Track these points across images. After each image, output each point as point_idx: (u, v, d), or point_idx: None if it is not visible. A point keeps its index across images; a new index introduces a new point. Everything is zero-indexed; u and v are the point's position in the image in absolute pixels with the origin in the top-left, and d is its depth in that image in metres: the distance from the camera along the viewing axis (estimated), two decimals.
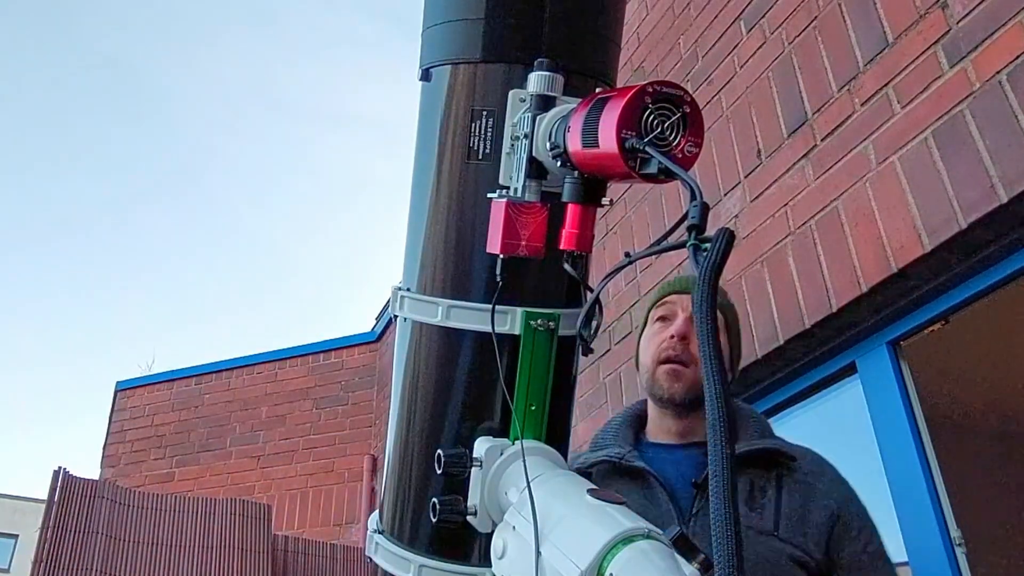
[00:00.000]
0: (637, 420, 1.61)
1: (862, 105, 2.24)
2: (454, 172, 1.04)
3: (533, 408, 0.99)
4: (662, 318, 1.54)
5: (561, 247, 0.90)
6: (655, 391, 1.50)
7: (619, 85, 1.01)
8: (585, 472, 1.47)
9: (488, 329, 0.97)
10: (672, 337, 1.47)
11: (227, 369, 6.74)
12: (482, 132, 1.00)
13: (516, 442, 0.95)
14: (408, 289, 1.07)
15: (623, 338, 3.20)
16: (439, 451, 0.97)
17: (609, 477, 1.48)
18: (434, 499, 0.96)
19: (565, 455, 1.04)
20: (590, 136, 0.81)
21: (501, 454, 0.96)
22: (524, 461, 0.89)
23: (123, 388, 6.88)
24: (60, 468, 3.70)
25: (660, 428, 1.54)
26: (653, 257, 2.45)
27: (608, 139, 0.78)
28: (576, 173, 0.87)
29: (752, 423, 1.52)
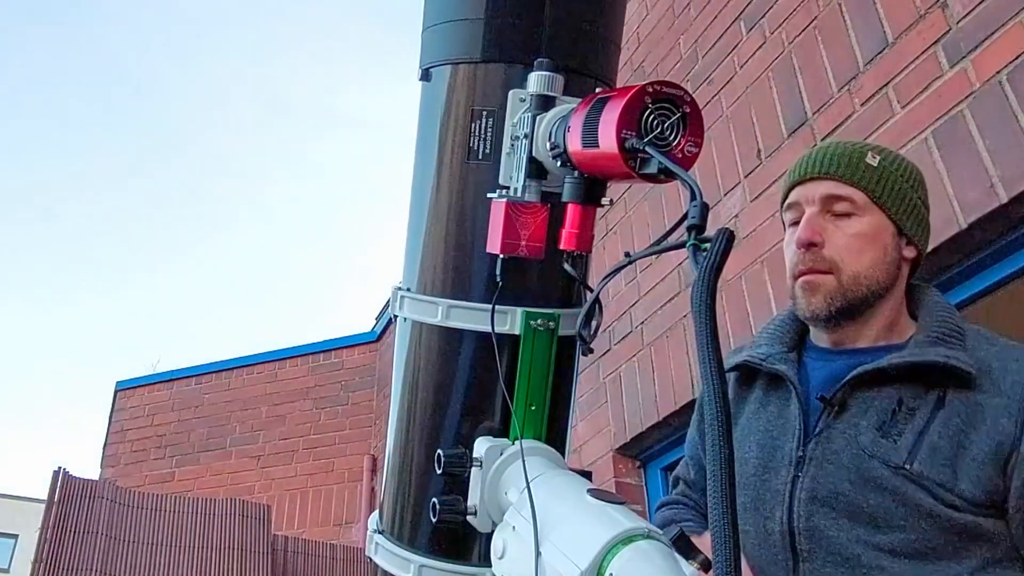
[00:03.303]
0: None
1: (862, 105, 2.24)
2: (454, 172, 1.04)
3: (533, 408, 0.99)
4: (793, 223, 1.25)
5: (561, 247, 0.90)
6: (798, 309, 1.25)
7: (619, 85, 1.01)
8: (729, 371, 1.30)
9: (488, 329, 0.97)
10: (799, 246, 1.20)
11: (227, 369, 6.74)
12: (482, 132, 1.00)
13: (516, 442, 0.95)
14: (408, 289, 1.07)
15: (623, 338, 3.20)
16: (439, 451, 0.97)
17: (749, 382, 1.31)
18: (434, 499, 0.96)
19: (564, 455, 1.04)
20: (590, 136, 0.81)
21: (501, 454, 0.96)
22: (524, 461, 0.89)
23: (123, 388, 6.88)
24: (60, 468, 3.70)
25: (815, 335, 1.29)
26: (653, 257, 2.45)
27: (608, 139, 0.78)
28: (576, 173, 0.87)
29: (928, 322, 1.19)
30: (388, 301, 1.15)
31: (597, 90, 0.92)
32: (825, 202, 1.21)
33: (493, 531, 0.90)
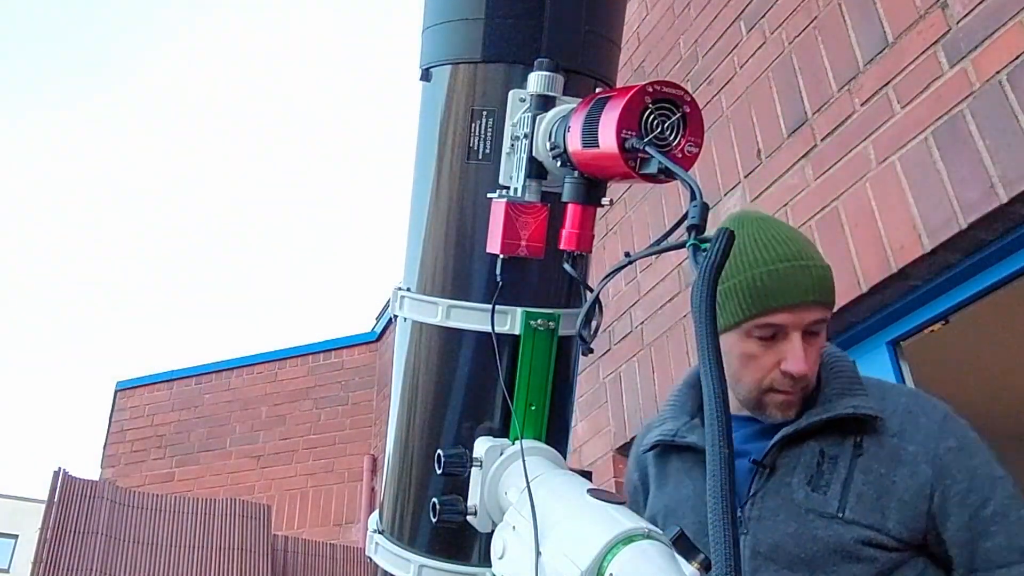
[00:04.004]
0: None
1: (862, 105, 2.24)
2: (454, 172, 1.04)
3: (533, 408, 0.99)
4: (766, 338, 1.23)
5: (561, 247, 0.90)
6: (759, 415, 1.28)
7: (619, 85, 1.01)
8: (646, 452, 1.38)
9: (488, 329, 0.97)
10: (787, 375, 1.22)
11: (227, 369, 6.74)
12: (482, 132, 1.00)
13: (516, 442, 0.95)
14: (408, 289, 1.07)
15: (623, 338, 3.20)
16: (439, 451, 0.97)
17: (666, 456, 1.36)
18: (434, 499, 0.96)
19: (565, 455, 1.03)
20: (590, 136, 0.81)
21: (501, 454, 0.96)
22: (524, 461, 0.89)
23: (123, 388, 6.88)
24: (60, 468, 3.70)
25: (735, 403, 1.31)
26: (653, 257, 2.45)
27: (608, 139, 0.78)
28: (576, 173, 0.87)
29: (832, 378, 1.28)
30: (388, 301, 1.15)
31: (597, 90, 0.92)
32: (809, 326, 1.22)
33: (493, 531, 0.90)
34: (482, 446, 0.96)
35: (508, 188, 0.96)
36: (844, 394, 1.25)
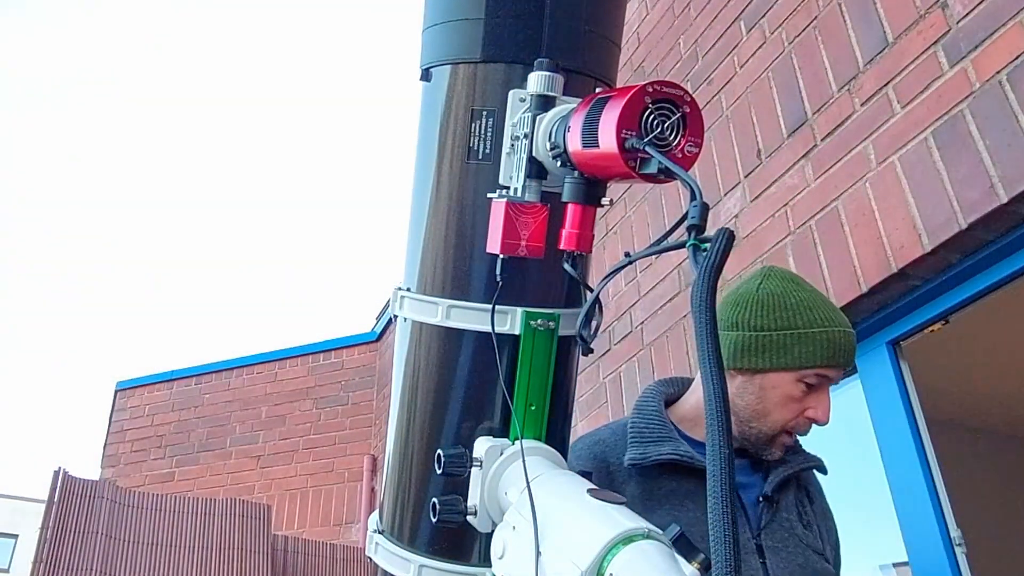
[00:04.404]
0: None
1: (862, 105, 2.24)
2: (454, 172, 1.04)
3: (533, 408, 0.99)
4: (812, 385, 1.34)
5: (561, 247, 0.90)
6: (761, 450, 1.38)
7: (619, 85, 1.01)
8: (643, 468, 1.36)
9: (488, 329, 0.97)
10: (812, 422, 1.37)
11: (227, 369, 6.74)
12: (482, 132, 1.00)
13: (516, 442, 0.95)
14: (408, 289, 1.07)
15: (623, 338, 3.20)
16: (439, 451, 0.97)
17: (667, 475, 1.37)
18: (434, 499, 0.96)
19: (565, 455, 1.04)
20: (590, 136, 0.81)
21: (501, 454, 0.96)
22: (524, 461, 0.89)
23: (123, 388, 6.88)
24: (60, 468, 3.70)
25: (696, 432, 1.42)
26: (653, 257, 2.45)
27: (608, 139, 0.78)
28: (576, 173, 0.87)
29: None
30: (388, 301, 1.15)
31: (597, 90, 0.92)
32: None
33: (493, 531, 0.90)
34: (482, 446, 0.97)
35: (508, 188, 0.96)
36: (801, 448, 1.46)
